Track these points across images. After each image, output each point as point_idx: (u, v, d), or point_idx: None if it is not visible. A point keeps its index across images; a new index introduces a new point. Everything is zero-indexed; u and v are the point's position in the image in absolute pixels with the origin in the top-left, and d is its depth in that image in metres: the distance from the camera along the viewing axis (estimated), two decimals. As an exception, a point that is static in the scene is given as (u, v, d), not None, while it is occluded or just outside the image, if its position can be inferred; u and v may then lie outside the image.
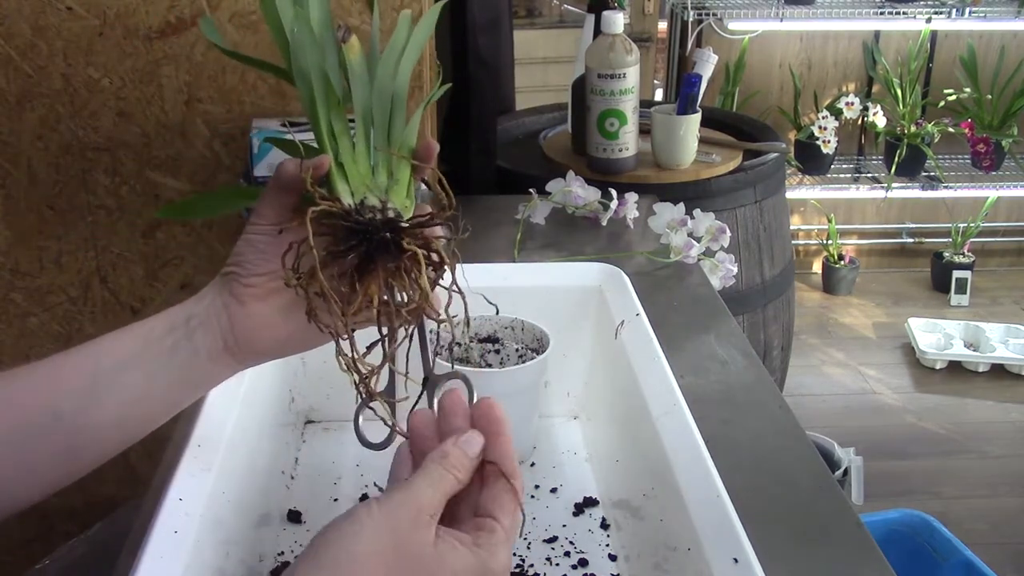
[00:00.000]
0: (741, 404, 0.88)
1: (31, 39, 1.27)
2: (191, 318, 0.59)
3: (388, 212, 0.57)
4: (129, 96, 1.32)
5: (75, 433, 0.57)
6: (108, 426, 0.59)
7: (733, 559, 0.58)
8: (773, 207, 1.79)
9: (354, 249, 0.55)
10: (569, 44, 2.70)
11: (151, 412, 0.60)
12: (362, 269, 0.56)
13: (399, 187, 0.60)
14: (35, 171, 1.35)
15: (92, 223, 1.39)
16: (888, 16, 2.89)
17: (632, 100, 1.61)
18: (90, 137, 1.34)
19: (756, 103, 3.14)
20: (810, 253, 3.43)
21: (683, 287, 1.13)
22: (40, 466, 0.58)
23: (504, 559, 0.49)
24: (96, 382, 0.57)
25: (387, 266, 0.55)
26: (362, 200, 0.57)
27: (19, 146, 1.33)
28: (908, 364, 2.85)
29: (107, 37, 1.28)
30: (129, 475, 1.54)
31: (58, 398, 0.57)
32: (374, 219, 0.56)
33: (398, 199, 0.59)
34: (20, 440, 0.56)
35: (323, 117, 0.59)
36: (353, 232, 0.56)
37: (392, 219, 0.57)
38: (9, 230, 1.37)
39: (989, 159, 3.00)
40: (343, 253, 0.55)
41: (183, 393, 0.61)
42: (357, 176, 0.58)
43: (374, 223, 0.56)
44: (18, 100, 1.30)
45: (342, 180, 0.58)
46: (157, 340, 0.58)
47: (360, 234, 0.56)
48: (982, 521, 2.18)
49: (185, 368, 0.59)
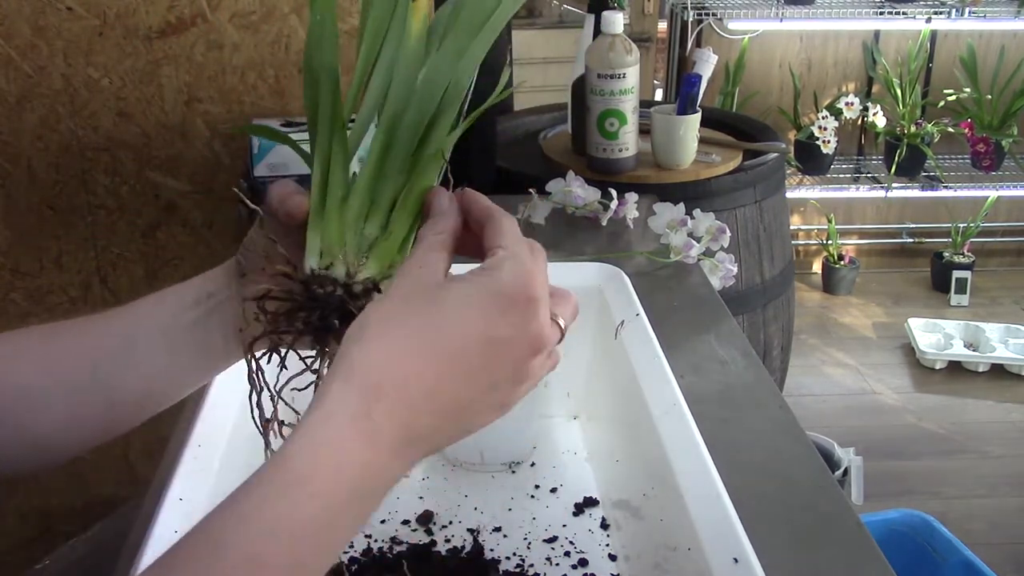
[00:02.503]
0: (741, 404, 0.88)
1: (31, 39, 1.27)
2: (212, 295, 0.59)
3: (354, 287, 0.49)
4: (129, 96, 1.32)
5: (111, 392, 0.59)
6: (138, 392, 0.60)
7: (733, 559, 0.58)
8: (773, 207, 1.79)
9: (300, 322, 0.49)
10: (569, 44, 2.70)
11: (177, 380, 0.61)
12: (313, 337, 0.50)
13: (388, 243, 0.50)
14: (35, 171, 1.35)
15: (92, 223, 1.39)
16: (888, 16, 2.89)
17: (632, 100, 1.61)
18: (90, 137, 1.34)
19: (756, 103, 3.14)
20: (810, 253, 3.43)
21: (683, 287, 1.13)
22: (85, 420, 0.60)
23: (510, 274, 0.46)
24: (131, 346, 0.59)
25: (335, 345, 0.48)
26: (328, 266, 0.49)
27: (19, 146, 1.33)
28: (908, 364, 2.85)
29: (107, 37, 1.28)
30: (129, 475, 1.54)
31: (96, 357, 0.58)
32: (327, 296, 0.48)
33: (382, 259, 0.50)
34: (64, 394, 0.58)
35: (323, 138, 0.50)
36: (300, 306, 0.49)
37: (344, 300, 0.49)
38: (9, 230, 1.37)
39: (989, 159, 3.00)
40: (291, 319, 0.49)
41: (206, 365, 0.62)
42: (336, 229, 0.49)
43: (324, 301, 0.48)
44: (18, 100, 1.30)
45: (315, 233, 0.49)
46: (185, 310, 0.59)
47: (307, 310, 0.49)
48: (982, 521, 2.18)
49: (206, 343, 0.59)
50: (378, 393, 0.43)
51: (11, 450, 0.58)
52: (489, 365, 0.45)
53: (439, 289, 0.46)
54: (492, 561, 0.78)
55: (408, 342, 0.44)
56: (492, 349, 0.45)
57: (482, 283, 0.46)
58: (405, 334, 0.44)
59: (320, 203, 0.50)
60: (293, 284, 0.49)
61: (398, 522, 0.84)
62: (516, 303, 0.45)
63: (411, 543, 0.81)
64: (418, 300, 0.45)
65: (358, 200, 0.50)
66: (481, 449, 0.91)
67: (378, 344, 0.44)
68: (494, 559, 0.79)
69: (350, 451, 0.42)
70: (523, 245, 0.48)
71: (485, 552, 0.80)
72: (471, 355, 0.44)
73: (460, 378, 0.44)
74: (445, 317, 0.44)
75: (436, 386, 0.44)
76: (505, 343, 0.45)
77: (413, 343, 0.44)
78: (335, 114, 0.50)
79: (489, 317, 0.45)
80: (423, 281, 0.46)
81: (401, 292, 0.46)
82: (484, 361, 0.45)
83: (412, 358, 0.44)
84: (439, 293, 0.45)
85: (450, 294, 0.45)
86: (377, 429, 0.42)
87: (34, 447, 0.59)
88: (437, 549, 0.80)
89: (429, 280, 0.46)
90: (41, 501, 1.55)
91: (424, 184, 0.51)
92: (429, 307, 0.45)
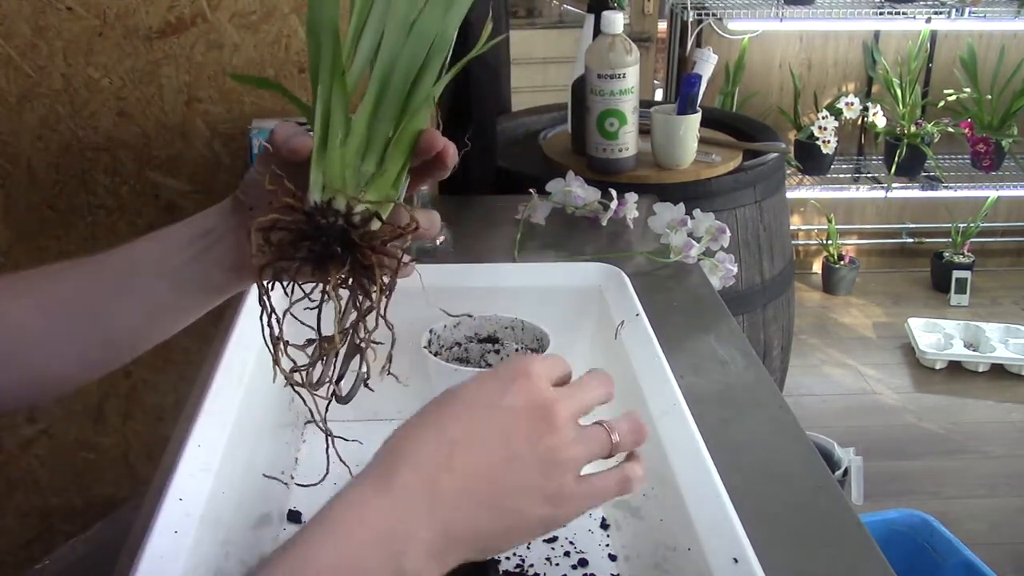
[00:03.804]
0: (741, 404, 0.88)
1: (31, 39, 1.27)
2: (210, 232, 0.62)
3: (354, 217, 0.53)
4: (129, 96, 1.32)
5: (110, 328, 0.62)
6: (139, 324, 0.63)
7: (733, 559, 0.58)
8: (773, 207, 1.79)
9: (305, 250, 0.53)
10: (569, 44, 2.70)
11: (176, 314, 0.64)
12: (316, 266, 0.53)
13: (383, 179, 0.55)
14: (35, 171, 1.35)
15: (92, 223, 1.39)
16: (888, 16, 2.89)
17: (632, 100, 1.61)
18: (90, 137, 1.34)
19: (756, 103, 3.14)
20: (810, 253, 3.43)
21: (683, 287, 1.13)
22: (85, 355, 0.63)
23: (519, 362, 0.50)
24: (129, 283, 0.62)
25: (336, 273, 0.53)
26: (329, 200, 0.53)
27: (19, 146, 1.33)
28: (908, 364, 2.85)
29: (107, 37, 1.28)
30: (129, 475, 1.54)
31: (95, 294, 0.62)
32: (329, 226, 0.52)
33: (377, 193, 0.55)
34: (64, 332, 0.61)
35: (324, 85, 0.55)
36: (304, 235, 0.53)
37: (345, 229, 0.53)
38: (9, 230, 1.37)
39: (989, 159, 3.00)
40: (295, 249, 0.53)
41: (204, 299, 0.65)
42: (337, 166, 0.54)
43: (327, 231, 0.52)
44: (18, 100, 1.30)
45: (318, 170, 0.54)
46: (182, 248, 0.62)
47: (311, 239, 0.53)
48: (982, 521, 2.18)
49: (205, 277, 0.62)
50: (393, 472, 0.46)
51: (13, 385, 0.61)
52: (503, 434, 0.48)
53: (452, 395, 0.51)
54: (492, 561, 0.78)
55: (420, 431, 0.48)
56: (499, 417, 0.48)
57: (487, 373, 0.51)
58: (420, 424, 0.49)
59: (322, 143, 0.54)
60: (298, 216, 0.52)
61: (398, 522, 0.84)
62: (509, 377, 0.50)
63: (411, 543, 0.81)
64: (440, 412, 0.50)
65: (356, 140, 0.55)
66: (481, 449, 0.91)
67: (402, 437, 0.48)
68: (494, 559, 0.79)
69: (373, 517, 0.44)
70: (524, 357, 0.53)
71: (485, 552, 0.80)
72: (478, 425, 0.48)
73: (474, 448, 0.47)
74: (446, 404, 0.50)
75: (450, 461, 0.46)
76: (509, 412, 0.48)
77: (426, 431, 0.48)
78: (335, 63, 0.54)
79: (485, 388, 0.49)
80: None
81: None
82: (493, 428, 0.48)
83: (426, 442, 0.47)
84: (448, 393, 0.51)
85: (457, 390, 0.50)
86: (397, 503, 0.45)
87: (36, 382, 0.63)
88: (437, 549, 0.80)
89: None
90: (41, 501, 1.55)
91: (415, 126, 0.56)
92: (439, 406, 0.50)
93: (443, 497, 0.45)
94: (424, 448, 0.47)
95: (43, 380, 0.63)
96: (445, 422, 0.48)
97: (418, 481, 0.45)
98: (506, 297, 0.97)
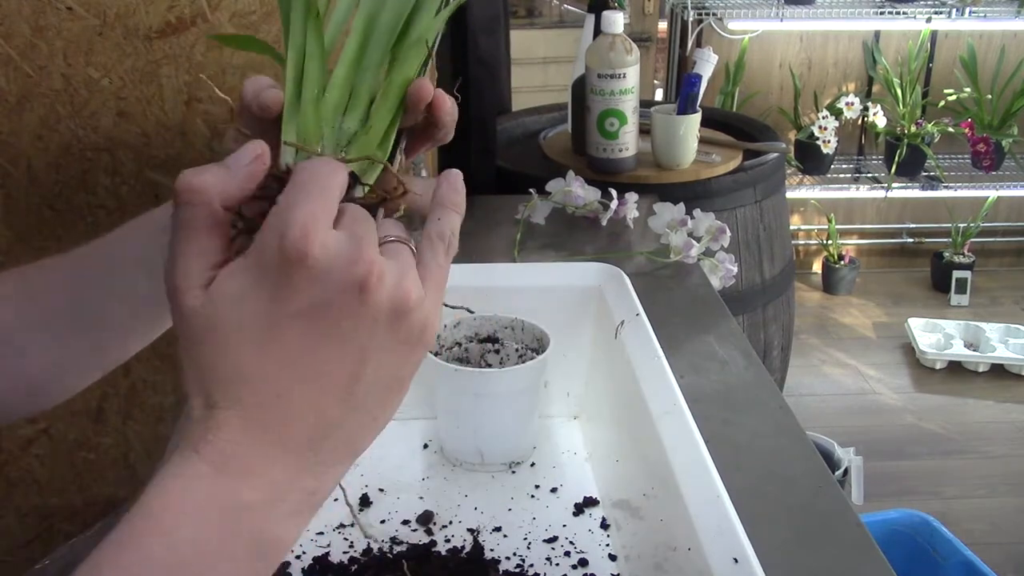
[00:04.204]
0: (741, 404, 0.88)
1: (31, 39, 1.27)
2: None
3: None
4: (129, 96, 1.32)
5: (96, 324, 0.58)
6: (123, 321, 0.59)
7: (733, 559, 0.58)
8: (773, 207, 1.79)
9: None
10: (569, 44, 2.70)
11: (156, 311, 0.59)
12: None
13: (369, 137, 0.47)
14: (35, 171, 1.35)
15: (92, 223, 1.39)
16: (888, 16, 2.89)
17: (632, 100, 1.61)
18: (90, 137, 1.34)
19: (756, 103, 3.14)
20: (810, 253, 3.43)
21: (683, 287, 1.13)
22: (74, 358, 0.60)
23: (275, 234, 0.38)
24: (111, 275, 0.58)
25: None
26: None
27: (19, 146, 1.33)
28: (908, 364, 2.85)
29: (107, 37, 1.28)
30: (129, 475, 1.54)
31: (77, 289, 0.58)
32: None
33: (361, 154, 0.46)
34: (49, 334, 0.58)
35: (295, 25, 0.46)
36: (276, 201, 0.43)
37: None
38: (9, 230, 1.37)
39: (989, 159, 3.00)
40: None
41: None
42: (312, 122, 0.46)
43: None
44: (18, 100, 1.30)
45: (290, 128, 0.46)
46: (162, 234, 0.54)
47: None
48: (982, 521, 2.18)
49: None
50: (211, 409, 0.38)
51: (3, 396, 0.58)
52: (313, 351, 0.39)
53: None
54: (492, 561, 0.78)
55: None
56: (293, 330, 0.39)
57: (241, 265, 0.39)
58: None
59: (295, 96, 0.46)
60: (269, 180, 0.44)
61: (398, 522, 0.84)
62: (275, 272, 0.38)
63: (411, 543, 0.81)
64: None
65: (336, 92, 0.47)
66: (481, 449, 0.91)
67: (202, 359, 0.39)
68: (494, 559, 0.79)
69: (198, 485, 0.37)
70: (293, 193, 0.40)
71: (485, 552, 0.80)
72: (279, 353, 0.39)
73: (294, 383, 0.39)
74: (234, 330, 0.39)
75: (262, 372, 0.38)
76: (299, 319, 0.39)
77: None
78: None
79: (251, 306, 0.38)
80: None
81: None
82: (297, 349, 0.39)
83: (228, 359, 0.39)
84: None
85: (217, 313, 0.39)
86: (222, 448, 0.38)
87: (26, 392, 0.59)
88: (437, 549, 0.80)
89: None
90: (41, 501, 1.55)
91: (406, 75, 0.48)
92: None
93: (298, 431, 0.39)
94: (238, 387, 0.38)
95: (30, 388, 0.59)
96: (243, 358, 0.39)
97: (257, 433, 0.38)
98: (506, 297, 0.97)
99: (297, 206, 0.38)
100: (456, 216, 0.44)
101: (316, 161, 0.41)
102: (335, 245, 0.38)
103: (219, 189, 0.40)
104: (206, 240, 0.40)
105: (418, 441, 0.96)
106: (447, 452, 0.93)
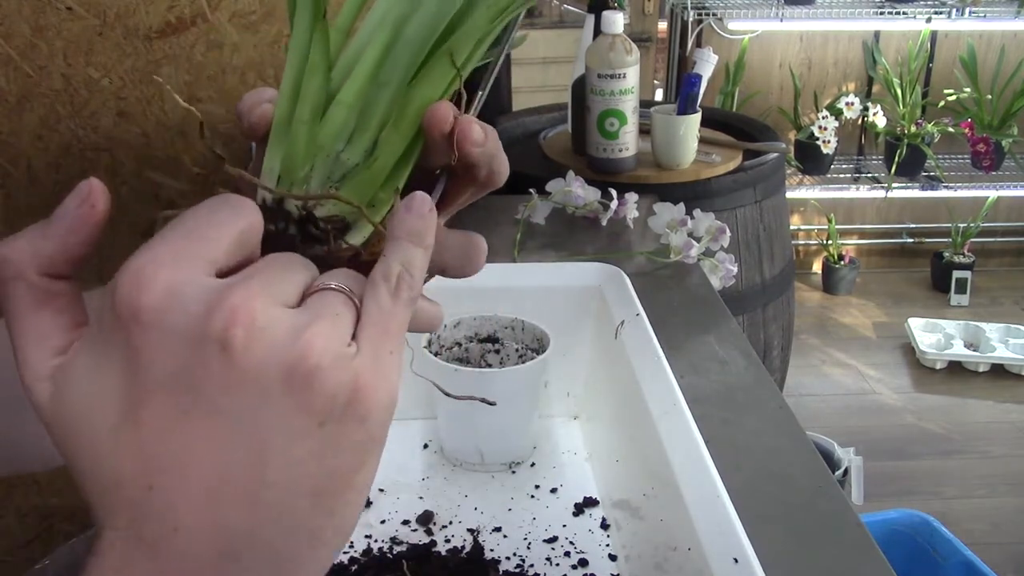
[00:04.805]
0: (741, 404, 0.88)
1: (31, 39, 1.27)
2: None
3: (310, 226, 0.36)
4: (129, 96, 1.32)
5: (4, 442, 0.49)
6: (32, 436, 0.46)
7: (733, 559, 0.58)
8: (773, 207, 1.79)
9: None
10: (569, 44, 2.71)
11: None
12: None
13: (371, 173, 0.37)
14: (35, 171, 1.35)
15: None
16: (888, 16, 2.89)
17: (632, 100, 1.61)
18: (90, 137, 1.34)
19: (756, 103, 3.14)
20: (810, 253, 3.43)
21: (683, 287, 1.13)
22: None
23: (126, 308, 0.29)
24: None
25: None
26: (280, 199, 0.36)
27: (19, 146, 1.33)
28: (908, 364, 2.85)
29: (107, 37, 1.29)
30: (129, 475, 1.54)
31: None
32: (279, 233, 0.35)
33: (358, 193, 0.37)
34: None
35: (298, 27, 0.36)
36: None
37: (294, 242, 0.35)
38: (9, 230, 1.37)
39: (989, 159, 3.00)
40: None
41: None
42: (302, 148, 0.36)
43: (275, 241, 0.35)
44: (18, 100, 1.30)
45: (275, 154, 0.37)
46: None
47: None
48: (982, 521, 2.18)
49: None
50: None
51: None
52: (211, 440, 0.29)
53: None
54: (492, 561, 0.78)
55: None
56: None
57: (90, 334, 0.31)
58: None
59: (287, 115, 0.36)
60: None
61: (398, 522, 0.84)
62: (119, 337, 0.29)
63: (411, 543, 0.81)
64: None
65: (341, 114, 0.36)
66: (481, 449, 0.91)
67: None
68: (494, 559, 0.79)
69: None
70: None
71: (485, 552, 0.80)
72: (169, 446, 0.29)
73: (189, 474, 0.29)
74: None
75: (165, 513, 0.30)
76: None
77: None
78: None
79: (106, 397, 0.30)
80: None
81: None
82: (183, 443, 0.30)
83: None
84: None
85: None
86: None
87: None
88: (437, 549, 0.80)
89: None
90: (41, 501, 1.55)
91: (427, 96, 0.37)
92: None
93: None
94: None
95: None
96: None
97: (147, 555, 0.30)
98: (506, 297, 0.97)
99: (141, 251, 0.30)
100: (414, 248, 0.33)
101: (219, 196, 0.32)
102: (186, 291, 0.29)
103: (30, 255, 0.31)
104: (35, 321, 0.31)
105: (418, 441, 0.96)
106: (447, 452, 0.93)
